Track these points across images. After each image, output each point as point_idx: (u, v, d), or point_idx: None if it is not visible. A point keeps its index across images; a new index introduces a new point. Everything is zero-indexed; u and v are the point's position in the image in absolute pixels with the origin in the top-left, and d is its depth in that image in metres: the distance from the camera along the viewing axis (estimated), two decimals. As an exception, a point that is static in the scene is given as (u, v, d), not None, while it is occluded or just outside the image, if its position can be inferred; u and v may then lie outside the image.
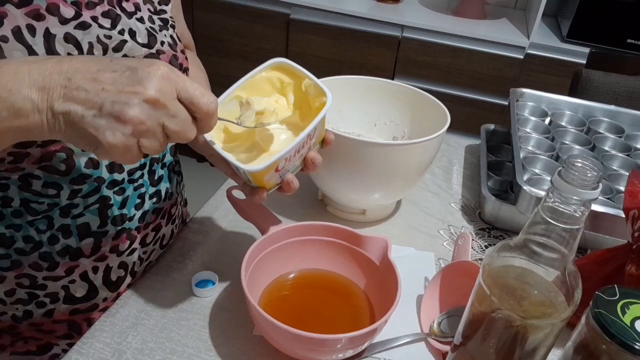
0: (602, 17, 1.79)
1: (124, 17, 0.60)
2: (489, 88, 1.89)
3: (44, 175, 0.58)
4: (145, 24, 0.64)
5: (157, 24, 0.66)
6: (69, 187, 0.60)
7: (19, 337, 0.67)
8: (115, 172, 0.63)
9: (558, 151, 0.94)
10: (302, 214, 0.85)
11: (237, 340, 0.63)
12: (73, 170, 0.59)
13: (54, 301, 0.66)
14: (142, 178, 0.68)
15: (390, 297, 0.60)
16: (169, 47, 0.66)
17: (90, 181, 0.61)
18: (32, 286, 0.64)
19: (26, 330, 0.67)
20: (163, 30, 0.66)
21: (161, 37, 0.65)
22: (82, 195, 0.61)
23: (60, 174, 0.58)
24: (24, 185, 0.58)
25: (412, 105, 0.90)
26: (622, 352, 0.44)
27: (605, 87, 1.34)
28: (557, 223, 0.44)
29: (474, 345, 0.53)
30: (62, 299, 0.66)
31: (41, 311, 0.66)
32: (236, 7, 2.01)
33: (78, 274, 0.65)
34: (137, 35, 0.61)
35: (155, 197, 0.71)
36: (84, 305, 0.68)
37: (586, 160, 0.44)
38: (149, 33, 0.63)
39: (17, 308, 0.65)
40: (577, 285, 0.47)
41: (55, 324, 0.68)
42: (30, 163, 0.56)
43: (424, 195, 0.94)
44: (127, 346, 0.61)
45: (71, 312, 0.68)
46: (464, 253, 0.69)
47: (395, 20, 1.88)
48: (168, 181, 0.74)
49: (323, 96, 0.60)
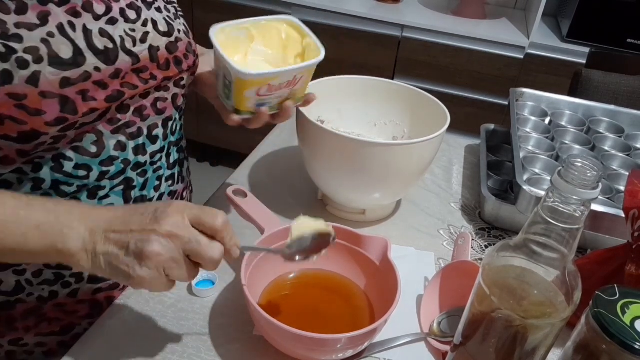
0: (602, 17, 1.79)
1: (144, 8, 0.65)
2: (489, 88, 1.89)
3: (76, 156, 0.61)
4: (162, 13, 0.68)
5: (172, 12, 0.71)
6: (98, 169, 0.63)
7: (44, 318, 0.69)
8: (140, 154, 0.67)
9: (558, 151, 0.94)
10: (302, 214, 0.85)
11: (237, 340, 0.63)
12: (103, 152, 0.63)
13: (78, 281, 0.68)
14: (160, 161, 0.72)
15: (390, 297, 0.60)
16: (184, 35, 0.71)
17: (117, 163, 0.65)
18: (59, 266, 0.66)
19: (51, 311, 0.69)
20: (177, 19, 0.71)
21: (177, 26, 0.70)
22: (109, 177, 0.65)
23: (90, 156, 0.62)
24: (56, 167, 0.61)
25: (412, 105, 0.90)
26: (622, 352, 0.44)
27: (605, 87, 1.34)
28: (557, 223, 0.44)
29: (474, 345, 0.53)
30: (87, 278, 0.68)
31: (66, 291, 0.68)
32: (236, 7, 2.01)
33: None
34: (158, 24, 0.66)
35: (171, 180, 0.75)
36: (105, 284, 0.71)
37: (586, 160, 0.44)
38: (167, 22, 0.68)
39: (43, 289, 0.67)
40: (577, 285, 0.47)
41: (78, 304, 0.70)
42: (65, 143, 0.59)
43: (424, 195, 0.94)
44: (126, 346, 0.61)
45: (94, 291, 0.70)
46: (463, 253, 0.69)
47: (395, 20, 1.88)
48: (180, 165, 0.78)
49: (318, 53, 0.67)
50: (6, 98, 0.52)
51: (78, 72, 0.55)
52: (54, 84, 0.54)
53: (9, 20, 0.52)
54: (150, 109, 0.67)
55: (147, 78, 0.64)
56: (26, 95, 0.53)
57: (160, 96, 0.68)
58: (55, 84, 0.54)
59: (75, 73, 0.55)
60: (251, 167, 0.96)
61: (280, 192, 0.90)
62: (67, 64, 0.55)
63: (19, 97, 0.53)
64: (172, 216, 0.50)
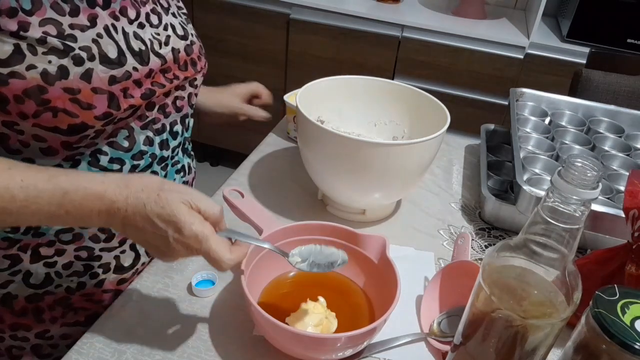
0: (602, 17, 1.79)
1: (163, 14, 0.69)
2: (489, 88, 1.89)
3: (111, 151, 0.65)
4: (177, 18, 0.72)
5: (183, 17, 0.75)
6: (130, 163, 0.68)
7: (70, 307, 0.71)
8: (164, 149, 0.72)
9: (558, 151, 0.94)
10: (302, 214, 0.85)
11: (237, 340, 0.63)
12: (134, 146, 0.67)
13: (105, 271, 0.71)
14: (177, 155, 0.77)
15: (390, 296, 0.60)
16: (196, 38, 0.75)
17: (146, 157, 0.69)
18: (89, 258, 0.69)
19: (78, 301, 0.71)
20: (188, 24, 0.75)
21: (190, 30, 0.74)
22: (139, 171, 0.69)
23: (123, 150, 0.66)
24: (93, 161, 0.64)
25: (412, 105, 0.90)
26: (622, 352, 0.44)
27: (605, 87, 1.34)
28: (557, 223, 0.44)
29: (474, 345, 0.53)
30: (113, 268, 0.72)
31: (93, 282, 0.71)
32: (236, 7, 2.01)
33: (129, 244, 0.72)
34: (176, 29, 0.70)
35: (182, 172, 0.79)
36: (129, 274, 0.74)
37: (586, 160, 0.44)
38: (182, 26, 0.72)
39: (71, 280, 0.69)
40: (577, 285, 0.47)
41: (104, 293, 0.73)
42: (103, 138, 0.63)
43: (424, 195, 0.94)
44: (127, 346, 0.61)
45: (119, 281, 0.73)
46: (463, 253, 0.69)
47: (395, 20, 1.88)
48: (189, 157, 0.82)
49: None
50: (61, 92, 0.56)
51: (122, 71, 0.60)
52: (104, 81, 0.58)
53: (64, 21, 0.56)
54: (171, 107, 0.71)
55: (172, 78, 0.68)
56: (80, 90, 0.57)
57: (179, 95, 0.72)
58: (105, 81, 0.58)
59: (120, 72, 0.60)
60: (251, 167, 0.96)
61: (280, 192, 0.90)
62: (114, 63, 0.59)
63: (73, 92, 0.56)
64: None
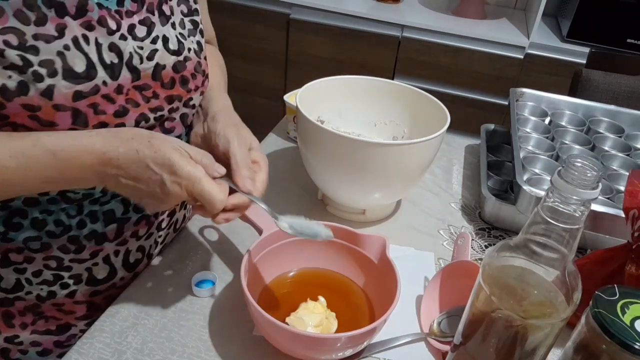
0: (602, 17, 1.79)
1: (158, 24, 0.64)
2: (489, 88, 1.89)
3: None
4: (176, 29, 0.67)
5: (187, 28, 0.69)
6: None
7: (41, 315, 0.70)
8: None
9: (558, 151, 0.94)
10: (302, 213, 0.85)
11: (237, 340, 0.63)
12: None
13: (77, 282, 0.69)
14: None
15: (390, 296, 0.60)
16: (194, 54, 0.69)
17: None
18: (59, 268, 0.66)
19: (48, 310, 0.69)
20: (191, 36, 0.69)
21: (188, 44, 0.68)
22: None
23: None
24: None
25: (412, 105, 0.90)
26: (622, 352, 0.44)
27: (605, 87, 1.34)
28: (557, 223, 0.44)
29: (474, 345, 0.53)
30: (85, 280, 0.69)
31: (64, 292, 0.69)
32: (236, 7, 2.00)
33: (102, 257, 0.69)
34: (169, 42, 0.65)
35: None
36: (103, 287, 0.71)
37: (586, 160, 0.44)
38: (178, 40, 0.67)
39: (41, 288, 0.67)
40: (577, 285, 0.47)
41: (75, 304, 0.70)
42: None
43: (424, 195, 0.94)
44: (127, 346, 0.61)
45: (91, 293, 0.71)
46: (463, 253, 0.69)
47: (395, 20, 1.88)
48: None
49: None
50: (20, 108, 0.53)
51: (90, 85, 0.56)
52: (67, 97, 0.55)
53: (27, 31, 0.52)
54: (158, 128, 0.66)
55: (149, 96, 0.63)
56: (40, 107, 0.54)
57: (167, 116, 0.67)
58: (69, 97, 0.55)
59: (87, 86, 0.56)
60: (251, 167, 0.96)
61: (280, 192, 0.90)
62: (81, 77, 0.55)
63: (33, 109, 0.53)
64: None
